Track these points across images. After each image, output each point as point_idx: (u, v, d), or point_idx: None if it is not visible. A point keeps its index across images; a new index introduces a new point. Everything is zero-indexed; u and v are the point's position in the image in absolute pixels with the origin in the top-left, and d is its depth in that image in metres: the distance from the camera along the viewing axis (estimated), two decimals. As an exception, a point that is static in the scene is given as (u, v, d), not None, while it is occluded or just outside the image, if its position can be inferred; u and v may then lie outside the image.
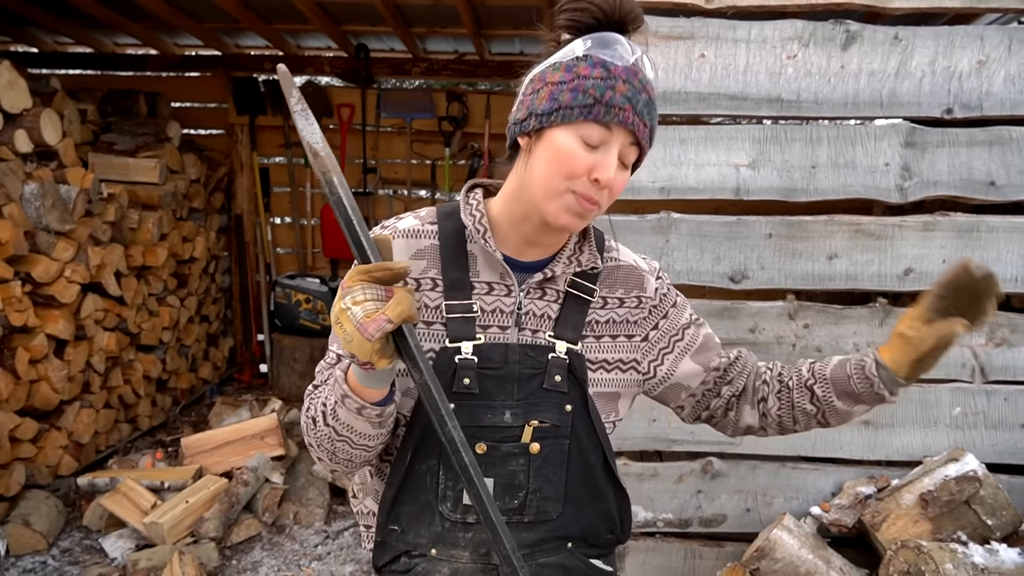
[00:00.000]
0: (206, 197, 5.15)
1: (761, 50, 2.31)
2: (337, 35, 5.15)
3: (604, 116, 1.00)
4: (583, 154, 1.02)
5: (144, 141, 4.47)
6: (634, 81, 1.02)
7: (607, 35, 1.04)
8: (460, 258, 1.14)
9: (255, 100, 5.49)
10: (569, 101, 1.01)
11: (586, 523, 1.18)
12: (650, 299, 1.22)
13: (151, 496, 3.27)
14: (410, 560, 1.16)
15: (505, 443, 1.10)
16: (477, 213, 1.14)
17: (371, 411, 1.01)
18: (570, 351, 1.13)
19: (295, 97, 0.94)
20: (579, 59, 1.03)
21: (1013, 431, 2.40)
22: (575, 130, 1.02)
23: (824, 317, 2.40)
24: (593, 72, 1.01)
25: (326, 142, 0.95)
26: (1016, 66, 2.26)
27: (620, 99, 1.00)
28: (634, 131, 1.02)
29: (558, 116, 1.02)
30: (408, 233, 1.15)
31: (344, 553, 3.28)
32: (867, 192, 2.33)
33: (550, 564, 1.16)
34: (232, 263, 5.69)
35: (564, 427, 1.12)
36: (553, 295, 1.16)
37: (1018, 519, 2.25)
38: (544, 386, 1.11)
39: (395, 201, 5.86)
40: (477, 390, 1.09)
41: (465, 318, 1.11)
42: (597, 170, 1.02)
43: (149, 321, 4.33)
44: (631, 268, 1.22)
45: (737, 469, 2.49)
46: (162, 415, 4.61)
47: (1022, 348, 2.38)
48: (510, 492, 1.12)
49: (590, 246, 1.17)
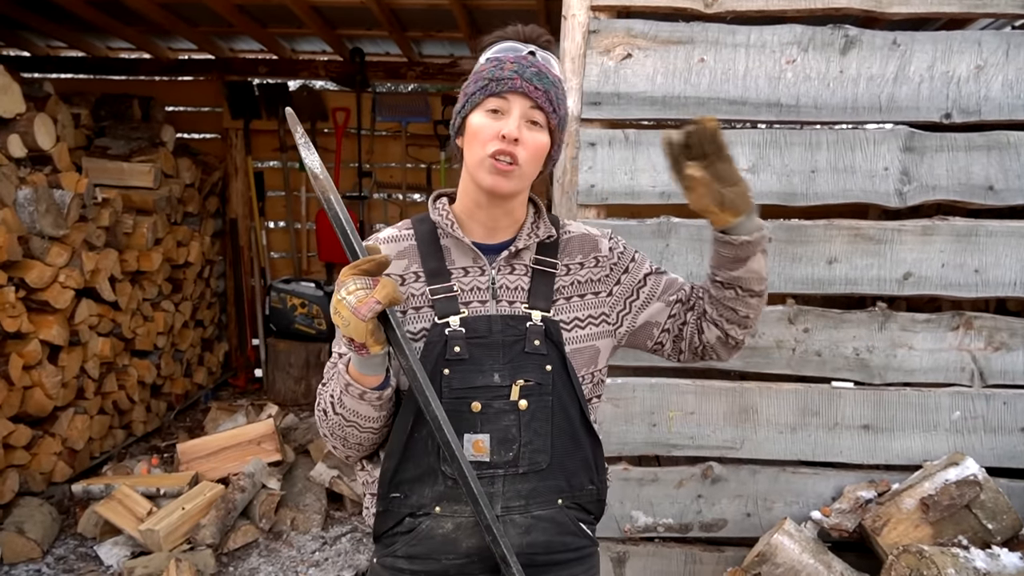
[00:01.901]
0: (200, 201, 5.12)
1: (760, 55, 2.31)
2: (332, 39, 5.14)
3: (496, 88, 1.22)
4: (490, 123, 1.22)
5: (138, 145, 4.45)
6: (522, 61, 1.24)
7: (505, 43, 1.29)
8: (436, 251, 1.32)
9: (249, 104, 5.48)
10: (473, 89, 1.25)
11: (570, 471, 1.31)
12: (607, 257, 1.39)
13: (147, 503, 3.24)
14: (414, 520, 1.27)
15: (497, 401, 1.25)
16: (444, 211, 1.33)
17: (372, 395, 1.18)
18: (545, 318, 1.29)
19: (300, 132, 1.17)
20: (483, 63, 1.28)
21: (1012, 435, 2.41)
22: (481, 108, 1.23)
23: (824, 321, 2.40)
24: (488, 64, 1.26)
25: (324, 167, 1.17)
26: (1014, 71, 2.27)
27: (508, 73, 1.22)
28: (526, 93, 1.21)
29: (468, 104, 1.25)
30: (389, 240, 1.35)
31: (342, 559, 3.26)
32: (866, 197, 2.33)
33: (544, 517, 1.29)
34: (227, 267, 5.67)
35: (546, 385, 1.27)
36: (522, 269, 1.33)
37: (1018, 523, 2.25)
38: (526, 350, 1.26)
39: (390, 205, 5.85)
40: (467, 356, 1.24)
41: (448, 297, 1.28)
42: (502, 128, 1.21)
43: (144, 326, 4.30)
44: (584, 235, 1.41)
45: (737, 474, 2.49)
46: (157, 421, 4.58)
47: (1020, 352, 2.38)
48: (505, 446, 1.25)
49: (544, 222, 1.36)
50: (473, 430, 1.24)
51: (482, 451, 1.24)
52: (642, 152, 2.35)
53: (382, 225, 5.92)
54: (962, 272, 2.34)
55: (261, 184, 5.70)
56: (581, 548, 1.34)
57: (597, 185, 2.37)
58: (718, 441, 2.47)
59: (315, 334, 5.16)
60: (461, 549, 1.26)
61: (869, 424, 2.43)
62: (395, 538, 1.29)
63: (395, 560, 1.29)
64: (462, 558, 1.26)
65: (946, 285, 2.35)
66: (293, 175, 5.74)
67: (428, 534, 1.26)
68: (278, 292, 5.18)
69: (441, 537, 1.25)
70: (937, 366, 2.40)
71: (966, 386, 2.41)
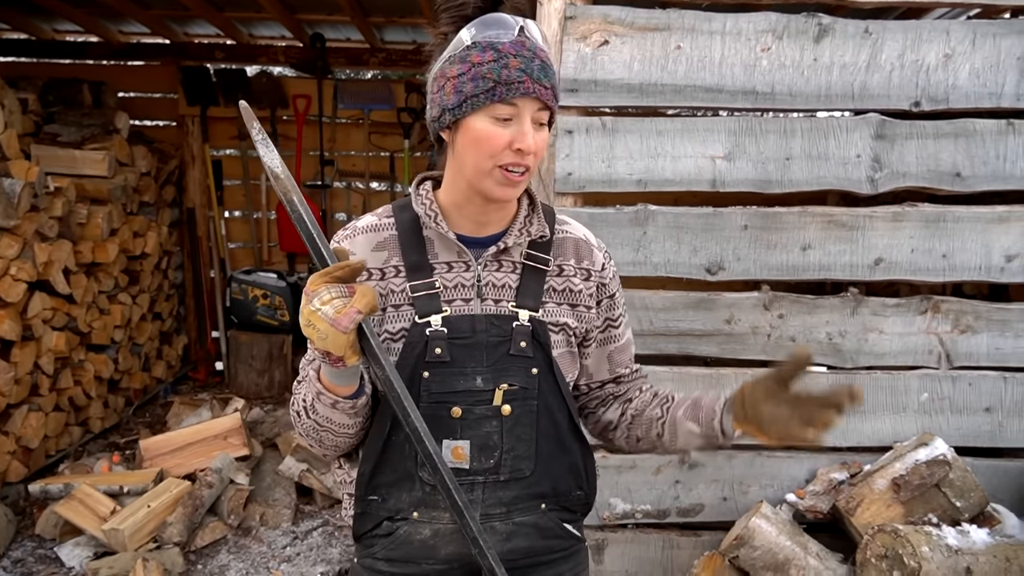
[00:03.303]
0: (157, 190, 4.97)
1: (736, 42, 2.31)
2: (292, 24, 5.02)
3: (507, 94, 1.08)
4: (499, 131, 1.10)
5: (91, 132, 4.29)
6: (523, 52, 1.09)
7: (487, 17, 1.12)
8: (418, 243, 1.22)
9: (206, 90, 5.33)
10: (472, 90, 1.09)
11: (557, 478, 1.26)
12: (598, 274, 1.30)
13: (109, 502, 3.14)
14: (392, 524, 1.23)
15: (479, 406, 1.18)
16: (427, 201, 1.22)
17: (344, 404, 1.11)
18: (532, 319, 1.22)
19: (256, 128, 1.04)
20: (469, 48, 1.10)
21: (977, 415, 2.48)
22: (485, 113, 1.10)
23: (798, 307, 2.44)
24: (485, 57, 1.09)
25: (285, 166, 1.06)
26: (980, 60, 2.32)
27: (516, 74, 1.08)
28: (538, 97, 1.09)
29: (467, 106, 1.10)
30: (367, 229, 1.24)
31: (314, 554, 3.21)
32: (840, 184, 2.37)
33: (526, 523, 1.24)
34: (185, 258, 5.52)
35: (532, 389, 1.21)
36: (510, 266, 1.24)
37: (985, 500, 2.32)
38: (511, 352, 1.19)
39: (352, 194, 5.76)
40: (449, 358, 1.17)
41: (429, 295, 1.19)
42: (516, 141, 1.10)
43: (100, 320, 4.16)
44: (580, 240, 1.31)
45: (714, 459, 2.51)
46: (115, 417, 4.44)
47: (985, 334, 2.45)
48: (485, 452, 1.20)
49: (538, 217, 1.26)
50: (453, 436, 1.18)
51: (461, 458, 1.19)
52: (619, 140, 2.34)
53: (344, 215, 5.83)
54: (930, 257, 2.40)
55: (219, 172, 5.55)
56: (567, 548, 1.31)
57: (574, 173, 2.36)
58: (695, 427, 2.48)
59: (278, 326, 5.07)
60: (440, 555, 1.22)
61: (841, 407, 2.47)
62: (374, 540, 1.25)
63: (375, 562, 1.26)
64: (441, 564, 1.23)
65: (915, 270, 2.40)
66: (252, 163, 5.60)
67: (406, 539, 1.22)
68: (239, 283, 5.06)
69: (419, 543, 1.22)
70: (906, 349, 2.46)
71: (934, 368, 2.47)
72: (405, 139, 5.47)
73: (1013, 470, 2.49)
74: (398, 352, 1.18)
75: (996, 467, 2.48)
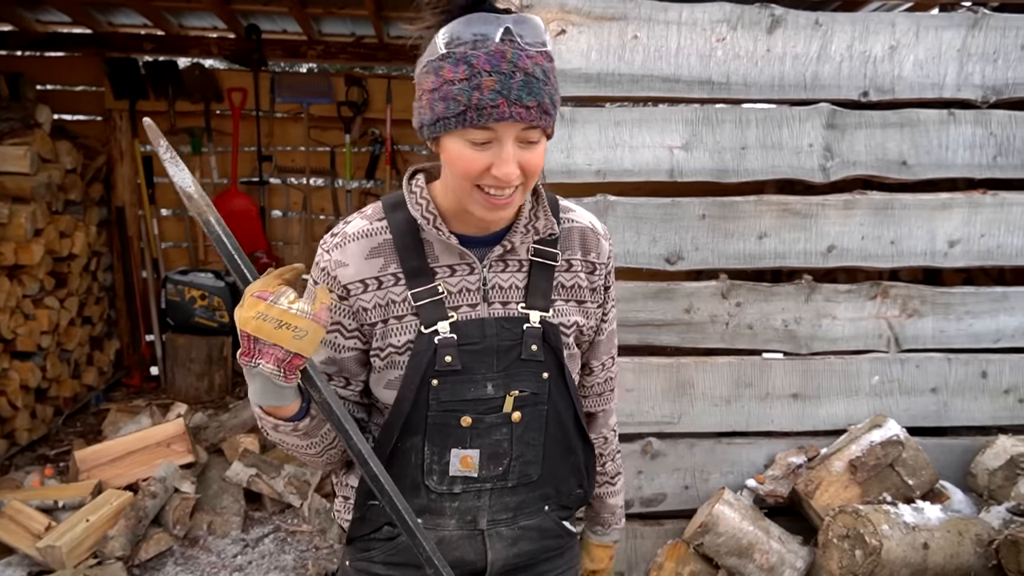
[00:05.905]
0: (84, 188, 4.72)
1: (692, 32, 2.32)
2: (225, 14, 4.84)
3: (477, 120, 0.96)
4: (474, 156, 1.00)
5: (9, 127, 4.04)
6: (502, 66, 0.96)
7: (466, 18, 0.99)
8: (416, 247, 1.13)
9: (135, 83, 5.09)
10: (443, 111, 0.98)
11: (560, 479, 1.25)
12: (604, 266, 1.25)
13: (43, 517, 2.96)
14: (394, 529, 1.19)
15: (489, 414, 1.14)
16: (423, 201, 1.12)
17: (286, 427, 1.08)
18: (543, 320, 1.16)
19: (163, 147, 0.97)
20: (443, 59, 0.99)
21: (924, 396, 2.56)
22: (459, 136, 1.00)
23: (755, 295, 2.47)
24: (456, 74, 0.97)
25: (198, 184, 1.00)
26: (923, 51, 2.39)
27: (489, 97, 0.95)
28: (518, 120, 0.97)
29: (439, 127, 1.00)
30: (359, 235, 1.14)
31: (267, 561, 3.10)
32: (793, 172, 2.41)
33: (530, 527, 1.23)
34: (115, 259, 5.26)
35: (542, 394, 1.17)
36: (516, 265, 1.17)
37: (935, 477, 2.40)
38: (522, 356, 1.14)
39: (292, 190, 5.60)
40: (460, 366, 1.12)
41: (433, 301, 1.12)
42: (494, 167, 1.00)
43: (25, 325, 3.92)
44: (586, 230, 1.23)
45: (675, 448, 2.53)
46: (43, 427, 4.20)
47: (930, 318, 2.54)
48: (495, 460, 1.17)
49: (545, 212, 1.17)
50: (462, 445, 1.14)
51: (470, 467, 1.16)
52: (578, 130, 2.33)
53: (281, 212, 5.67)
54: (879, 244, 2.46)
55: (150, 169, 5.30)
56: (563, 545, 1.32)
57: (534, 163, 2.32)
58: (657, 417, 2.49)
59: (217, 327, 4.88)
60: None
61: (797, 393, 2.52)
62: (372, 543, 1.23)
63: (371, 565, 1.23)
64: None
65: (866, 256, 2.46)
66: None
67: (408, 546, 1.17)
68: (175, 284, 4.85)
69: None
70: (858, 334, 2.52)
71: (883, 352, 2.54)
72: (346, 133, 5.35)
73: (957, 448, 2.59)
74: (404, 365, 1.12)
75: (942, 445, 2.57)
